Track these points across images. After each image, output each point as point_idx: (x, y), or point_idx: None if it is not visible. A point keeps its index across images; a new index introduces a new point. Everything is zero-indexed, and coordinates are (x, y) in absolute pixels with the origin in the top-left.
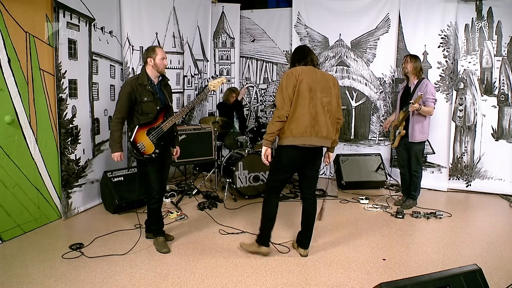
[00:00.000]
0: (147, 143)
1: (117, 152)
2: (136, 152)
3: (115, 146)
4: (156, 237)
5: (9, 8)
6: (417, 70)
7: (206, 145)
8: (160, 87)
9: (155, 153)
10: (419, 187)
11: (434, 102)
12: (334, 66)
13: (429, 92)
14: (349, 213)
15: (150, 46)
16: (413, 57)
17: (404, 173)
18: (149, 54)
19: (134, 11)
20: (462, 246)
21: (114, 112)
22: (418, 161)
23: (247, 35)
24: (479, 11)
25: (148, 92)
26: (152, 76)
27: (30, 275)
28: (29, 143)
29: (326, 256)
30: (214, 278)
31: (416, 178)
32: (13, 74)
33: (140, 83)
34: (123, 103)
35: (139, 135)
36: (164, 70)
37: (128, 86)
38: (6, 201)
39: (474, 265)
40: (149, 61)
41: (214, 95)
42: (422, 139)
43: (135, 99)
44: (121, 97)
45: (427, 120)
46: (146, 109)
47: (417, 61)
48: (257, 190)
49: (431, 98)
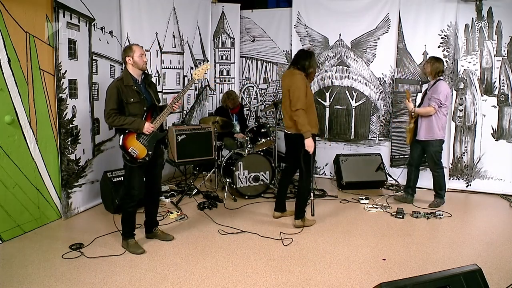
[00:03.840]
0: (139, 148)
1: (145, 125)
2: (128, 159)
3: (137, 123)
4: (128, 239)
5: (9, 8)
6: (435, 72)
7: (206, 145)
8: (144, 86)
9: (148, 156)
10: (444, 185)
11: (438, 103)
12: (334, 66)
13: (436, 92)
14: (349, 213)
15: (127, 45)
16: (433, 59)
17: (410, 171)
18: (127, 53)
19: (134, 11)
20: (462, 246)
21: (105, 110)
22: (435, 162)
23: (247, 35)
24: (479, 11)
25: (134, 92)
26: (135, 75)
27: (30, 275)
28: (29, 143)
29: (326, 256)
30: (214, 278)
31: (438, 177)
32: (13, 74)
33: (126, 84)
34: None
35: (129, 140)
36: (145, 67)
37: (114, 88)
38: (6, 201)
39: (474, 265)
40: (128, 60)
41: (214, 95)
42: (429, 138)
43: (121, 101)
44: (110, 95)
45: (436, 120)
46: (133, 111)
47: (437, 63)
48: (257, 190)
49: (435, 97)
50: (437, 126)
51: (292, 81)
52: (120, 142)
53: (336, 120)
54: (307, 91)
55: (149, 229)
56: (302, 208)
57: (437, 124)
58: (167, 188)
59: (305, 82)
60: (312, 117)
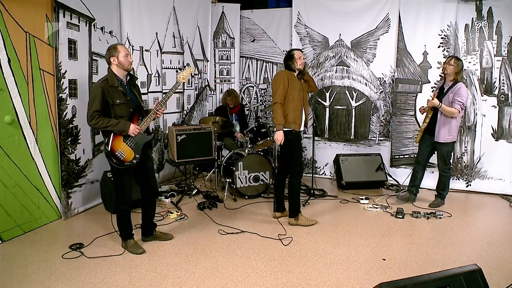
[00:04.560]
0: (126, 150)
1: (130, 127)
2: (116, 162)
3: (122, 124)
4: (126, 240)
5: (9, 8)
6: (457, 73)
7: (206, 145)
8: (130, 87)
9: (136, 159)
10: (447, 186)
11: (461, 106)
12: (334, 66)
13: (460, 95)
14: (349, 213)
15: (112, 44)
16: (457, 60)
17: (417, 170)
18: (111, 53)
19: (134, 11)
20: (462, 246)
21: (88, 112)
22: (445, 162)
23: (247, 35)
24: (479, 11)
25: (120, 93)
26: (120, 75)
27: (30, 275)
28: (29, 143)
29: (326, 256)
30: (214, 278)
31: (444, 177)
32: (13, 74)
33: (111, 85)
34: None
35: (116, 142)
36: (131, 67)
37: (99, 88)
38: (6, 201)
39: (474, 265)
40: (112, 60)
41: (214, 95)
42: (448, 140)
43: (107, 102)
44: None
45: (455, 122)
46: (120, 113)
47: (460, 64)
48: (257, 190)
49: (459, 100)
50: (455, 129)
51: (273, 78)
52: (109, 145)
53: (336, 120)
54: (289, 86)
55: (148, 232)
56: (293, 207)
57: (456, 126)
58: (167, 188)
59: (285, 77)
60: (295, 113)
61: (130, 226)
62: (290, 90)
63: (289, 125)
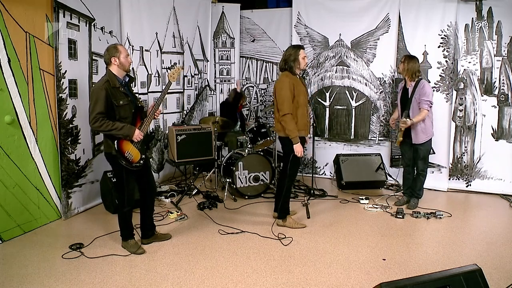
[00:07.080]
0: (133, 151)
1: (135, 132)
2: (125, 163)
3: (127, 129)
4: (127, 240)
5: (9, 8)
6: (411, 72)
7: (206, 145)
8: (128, 88)
9: (142, 159)
10: (423, 186)
11: (429, 104)
12: (334, 66)
13: (425, 93)
14: (349, 213)
15: (111, 45)
16: (408, 58)
17: (408, 172)
18: (112, 53)
19: (134, 11)
20: (462, 246)
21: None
22: (425, 161)
23: (247, 35)
24: (479, 11)
25: (122, 94)
26: (120, 76)
27: (30, 275)
28: (29, 143)
29: (326, 256)
30: (214, 278)
31: (423, 177)
32: (13, 74)
33: (113, 86)
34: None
35: (123, 144)
36: (130, 68)
37: (103, 90)
38: (6, 201)
39: (474, 265)
40: (113, 61)
41: (214, 95)
42: (426, 139)
43: (111, 103)
44: (97, 98)
45: (428, 120)
46: (124, 114)
47: (412, 62)
48: (257, 190)
49: (425, 99)
50: (430, 126)
51: (277, 84)
52: (116, 147)
53: (336, 120)
54: (294, 92)
55: (148, 234)
56: (282, 208)
57: (430, 124)
58: (167, 188)
59: (290, 83)
60: (304, 120)
61: (131, 226)
62: (297, 96)
63: (299, 133)
